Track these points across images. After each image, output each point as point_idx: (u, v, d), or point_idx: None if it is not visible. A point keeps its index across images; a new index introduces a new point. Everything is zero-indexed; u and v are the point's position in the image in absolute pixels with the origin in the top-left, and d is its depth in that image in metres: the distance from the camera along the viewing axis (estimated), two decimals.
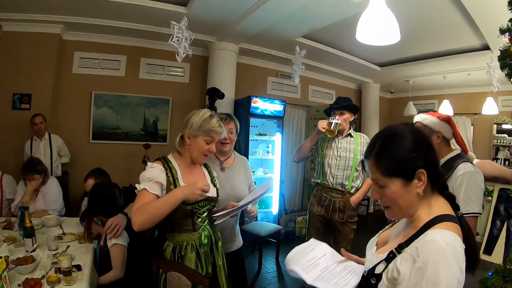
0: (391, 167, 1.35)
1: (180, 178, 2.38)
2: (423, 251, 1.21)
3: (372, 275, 1.38)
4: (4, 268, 2.02)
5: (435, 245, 1.20)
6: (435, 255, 1.18)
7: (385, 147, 1.38)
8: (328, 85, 9.58)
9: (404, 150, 1.34)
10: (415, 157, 1.33)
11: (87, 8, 5.29)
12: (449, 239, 1.22)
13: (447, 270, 1.16)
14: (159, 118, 6.99)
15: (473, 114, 9.12)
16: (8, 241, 3.03)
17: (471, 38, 5.98)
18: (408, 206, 1.37)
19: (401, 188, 1.34)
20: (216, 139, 2.46)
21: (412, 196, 1.35)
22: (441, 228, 1.27)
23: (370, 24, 2.87)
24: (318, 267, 1.69)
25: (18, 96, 5.77)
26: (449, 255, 1.18)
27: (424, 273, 1.17)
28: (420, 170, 1.32)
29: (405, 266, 1.24)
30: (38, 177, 4.22)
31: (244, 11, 5.22)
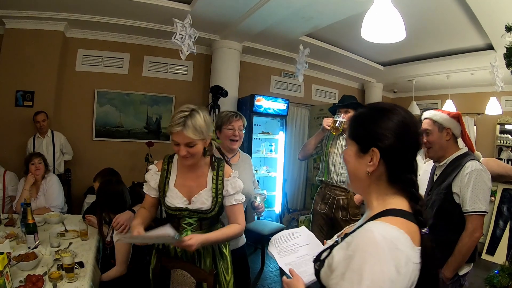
0: (353, 129, 1.36)
1: (173, 180, 2.37)
2: (355, 239, 1.17)
3: (317, 260, 1.35)
4: (6, 264, 2.01)
5: (368, 236, 1.13)
6: (365, 246, 1.12)
7: (365, 113, 1.37)
8: (331, 84, 9.56)
9: (376, 122, 1.29)
10: (380, 135, 1.25)
11: (90, 5, 5.29)
12: (388, 233, 1.12)
13: (376, 264, 1.08)
14: (162, 116, 6.99)
15: (476, 114, 9.08)
16: (10, 237, 3.02)
17: (475, 38, 5.96)
18: (354, 176, 1.36)
19: (354, 154, 1.33)
20: (179, 141, 2.17)
21: (360, 170, 1.31)
22: (384, 221, 1.18)
23: (376, 22, 2.85)
24: (295, 254, 1.70)
25: (21, 93, 5.77)
26: (382, 249, 1.09)
27: (351, 262, 1.12)
28: (374, 148, 1.25)
29: (339, 253, 1.21)
30: (40, 166, 4.24)
31: (248, 9, 5.21)
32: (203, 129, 2.19)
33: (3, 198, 4.46)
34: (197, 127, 2.15)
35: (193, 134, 2.13)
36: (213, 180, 2.35)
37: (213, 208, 2.32)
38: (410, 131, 1.28)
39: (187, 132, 2.12)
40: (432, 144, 2.66)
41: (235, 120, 3.10)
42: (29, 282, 2.16)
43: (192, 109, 2.22)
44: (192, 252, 2.20)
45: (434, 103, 10.03)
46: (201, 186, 2.34)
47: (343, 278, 1.13)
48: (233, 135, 3.07)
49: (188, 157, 2.21)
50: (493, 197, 6.48)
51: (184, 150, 2.17)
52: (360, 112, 1.39)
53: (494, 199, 6.48)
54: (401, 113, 1.29)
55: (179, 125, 2.12)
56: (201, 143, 2.23)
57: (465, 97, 9.31)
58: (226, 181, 2.35)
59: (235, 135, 3.08)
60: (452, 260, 2.44)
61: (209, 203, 2.31)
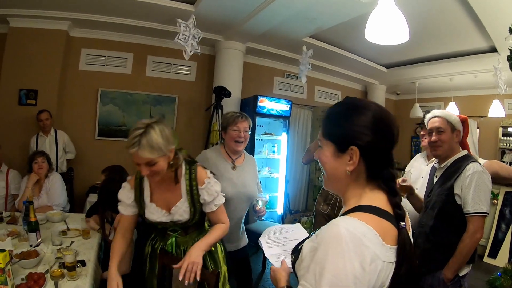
0: (329, 129, 1.32)
1: (148, 196, 2.31)
2: (321, 232, 1.16)
3: (293, 252, 1.36)
4: (8, 261, 2.02)
5: (333, 229, 1.11)
6: (329, 239, 1.10)
7: (338, 110, 1.33)
8: (334, 86, 9.56)
9: (350, 120, 1.25)
10: (356, 132, 1.23)
11: (94, 5, 5.30)
12: (355, 228, 1.10)
13: (338, 258, 1.06)
14: (165, 116, 6.98)
15: (479, 116, 9.04)
16: (12, 235, 3.03)
17: (479, 40, 5.95)
18: (334, 177, 1.32)
19: (332, 155, 1.29)
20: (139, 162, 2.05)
21: (339, 170, 1.28)
22: (353, 216, 1.15)
23: (379, 24, 2.86)
24: (283, 247, 1.71)
25: (25, 91, 5.78)
26: (346, 244, 1.06)
27: (315, 254, 1.12)
28: (353, 147, 1.22)
29: (307, 245, 1.20)
30: (43, 164, 4.26)
31: (252, 10, 5.21)
32: (161, 145, 2.02)
33: (5, 196, 4.47)
34: (153, 145, 1.99)
35: (149, 153, 1.99)
36: (187, 191, 2.28)
37: (193, 217, 2.32)
38: (386, 125, 1.25)
39: (143, 153, 1.98)
40: (443, 143, 2.67)
41: (240, 121, 3.07)
42: (31, 280, 2.16)
43: (147, 125, 2.04)
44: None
45: (437, 105, 10.01)
46: (177, 197, 2.29)
47: (308, 270, 1.13)
48: (238, 137, 3.05)
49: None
50: (495, 200, 6.47)
51: (145, 170, 2.07)
52: (331, 110, 1.35)
53: (497, 202, 6.46)
54: (374, 107, 1.27)
55: (134, 145, 1.98)
56: (163, 160, 2.09)
57: (468, 99, 9.29)
58: (201, 190, 2.27)
59: (240, 137, 3.06)
60: (453, 261, 2.46)
61: (187, 214, 2.29)
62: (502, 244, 6.08)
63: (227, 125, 3.09)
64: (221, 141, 3.29)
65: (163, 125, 2.10)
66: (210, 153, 3.19)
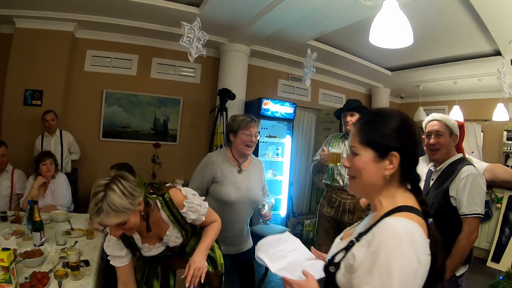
0: (369, 136, 1.37)
1: (138, 240, 2.24)
2: (377, 235, 1.21)
3: (331, 264, 1.37)
4: (12, 260, 2.03)
5: (390, 230, 1.19)
6: (389, 239, 1.17)
7: (373, 118, 1.40)
8: (338, 89, 9.55)
9: (387, 127, 1.35)
10: (394, 138, 1.33)
11: (100, 6, 5.33)
12: (407, 227, 1.19)
13: (401, 256, 1.13)
14: (170, 118, 7.01)
15: (483, 120, 9.02)
16: (17, 234, 3.05)
17: (483, 44, 5.94)
18: (371, 183, 1.37)
19: (371, 161, 1.35)
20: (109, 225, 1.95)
21: (377, 175, 1.35)
22: (400, 216, 1.24)
23: (384, 27, 2.87)
24: (285, 259, 1.69)
25: (30, 92, 5.81)
26: (404, 242, 1.15)
27: (377, 258, 1.15)
28: (394, 152, 1.32)
29: (360, 252, 1.24)
30: (51, 167, 4.28)
31: (257, 13, 5.22)
32: (126, 205, 1.85)
33: (10, 196, 4.49)
34: (117, 207, 1.81)
35: (115, 217, 1.84)
36: (171, 220, 2.23)
37: (187, 237, 2.33)
38: (415, 129, 1.37)
39: (109, 220, 1.84)
40: (441, 147, 2.73)
41: (252, 125, 3.10)
42: (34, 279, 2.18)
43: (105, 185, 1.86)
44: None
45: (441, 108, 9.97)
46: (165, 228, 2.24)
47: (371, 274, 1.16)
48: (250, 141, 3.07)
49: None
50: (499, 204, 6.47)
51: (117, 231, 1.96)
52: (368, 119, 1.42)
53: (500, 206, 6.45)
54: (400, 114, 1.38)
55: (97, 214, 1.82)
56: (133, 216, 1.94)
57: (472, 103, 9.25)
58: (184, 213, 2.22)
59: (252, 141, 3.08)
60: (450, 262, 2.49)
61: (180, 239, 2.28)
62: (505, 248, 6.07)
63: (238, 128, 3.08)
64: (228, 143, 3.30)
65: (123, 179, 1.93)
66: (216, 156, 3.17)
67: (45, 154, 4.32)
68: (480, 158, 8.81)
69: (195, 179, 3.10)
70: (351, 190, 1.49)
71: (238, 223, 3.15)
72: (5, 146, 4.50)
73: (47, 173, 4.25)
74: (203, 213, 2.28)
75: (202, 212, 2.28)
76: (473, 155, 8.74)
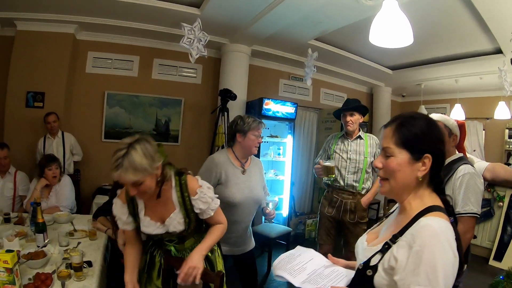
0: (406, 138, 1.41)
1: (142, 210, 2.28)
2: (418, 236, 1.26)
3: (368, 267, 1.40)
4: (16, 262, 2.05)
5: (430, 230, 1.26)
6: (430, 239, 1.23)
7: (408, 121, 1.44)
8: (339, 88, 9.55)
9: (422, 130, 1.40)
10: (429, 141, 1.40)
11: (100, 8, 5.34)
12: (442, 226, 1.28)
13: (442, 253, 1.22)
14: (171, 119, 7.03)
15: (485, 118, 9.03)
16: (20, 236, 3.07)
17: (484, 42, 5.94)
18: (404, 184, 1.43)
19: (406, 163, 1.41)
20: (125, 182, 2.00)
21: (411, 176, 1.41)
22: (433, 216, 1.32)
23: (383, 27, 2.88)
24: (305, 271, 1.69)
25: (32, 94, 5.84)
26: (443, 240, 1.24)
27: (422, 257, 1.21)
28: (427, 154, 1.38)
29: (401, 253, 1.28)
30: (57, 171, 4.30)
31: (257, 14, 5.23)
32: (145, 165, 1.96)
33: (13, 198, 4.52)
34: (136, 166, 1.92)
35: (133, 175, 1.93)
36: (179, 202, 2.25)
37: (189, 227, 2.29)
38: (442, 133, 1.45)
39: (126, 175, 1.92)
40: None
41: (261, 127, 3.19)
42: (38, 280, 2.19)
43: (128, 145, 1.97)
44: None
45: (443, 107, 10.00)
46: (170, 209, 2.26)
47: (417, 273, 1.22)
48: (258, 142, 3.15)
49: (137, 195, 2.07)
50: (501, 203, 6.45)
51: (133, 190, 2.02)
52: (403, 121, 1.45)
53: (502, 205, 6.44)
54: (430, 119, 1.44)
55: (116, 168, 1.92)
56: (149, 178, 2.04)
57: (473, 101, 9.25)
58: (194, 200, 2.24)
59: (259, 142, 3.17)
60: None
61: (182, 226, 2.27)
62: (507, 247, 6.06)
63: (248, 129, 3.11)
64: (229, 144, 3.32)
65: (147, 142, 2.04)
66: (218, 158, 3.17)
67: (50, 159, 4.31)
68: (482, 157, 8.82)
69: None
70: (383, 192, 1.51)
71: (242, 223, 3.17)
72: (8, 148, 4.52)
73: (53, 178, 4.27)
74: (213, 208, 2.29)
75: (212, 207, 2.29)
76: (475, 153, 8.75)
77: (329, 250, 4.01)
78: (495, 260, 6.11)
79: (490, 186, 6.40)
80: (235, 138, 3.19)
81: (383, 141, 1.47)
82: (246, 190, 3.13)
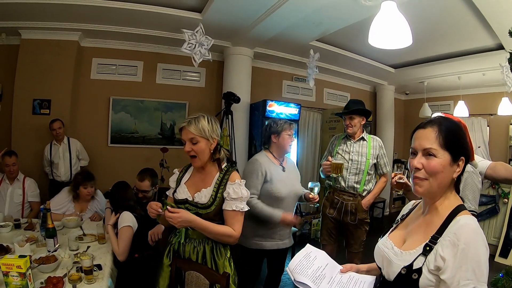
0: (449, 140, 1.47)
1: (185, 179, 2.59)
2: (462, 234, 1.33)
3: (412, 271, 1.41)
4: (29, 266, 2.11)
5: (471, 228, 1.35)
6: (473, 236, 1.33)
7: (450, 125, 1.51)
8: (343, 88, 9.58)
9: (460, 134, 1.51)
10: (465, 145, 1.50)
11: (104, 16, 5.38)
12: (476, 223, 1.38)
13: (483, 248, 1.32)
14: (176, 122, 7.08)
15: (489, 114, 8.98)
16: (30, 241, 3.12)
17: (485, 38, 5.95)
18: (443, 184, 1.48)
19: (447, 163, 1.46)
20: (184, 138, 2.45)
21: (448, 177, 1.48)
22: (466, 214, 1.42)
23: (382, 28, 2.91)
24: (325, 279, 1.70)
25: (38, 101, 5.91)
26: (481, 235, 1.34)
27: (468, 253, 1.29)
28: (463, 157, 1.48)
29: (447, 252, 1.33)
30: (91, 190, 4.38)
31: (259, 16, 5.26)
32: (205, 128, 2.39)
33: (22, 203, 4.58)
34: (199, 125, 2.38)
35: (194, 130, 2.37)
36: (217, 181, 2.43)
37: (210, 205, 2.37)
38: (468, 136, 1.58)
39: (189, 128, 2.37)
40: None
41: (292, 127, 3.48)
42: (50, 283, 2.25)
43: (204, 115, 2.46)
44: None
45: (446, 104, 9.98)
46: (206, 185, 2.46)
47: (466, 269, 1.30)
48: (291, 141, 3.43)
49: (193, 155, 2.40)
50: (506, 199, 6.46)
51: (188, 146, 2.40)
52: (449, 126, 1.51)
53: (508, 201, 6.45)
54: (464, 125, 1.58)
55: (184, 122, 2.42)
56: (204, 142, 2.41)
57: (477, 97, 9.22)
58: (229, 185, 2.39)
59: (292, 140, 3.45)
60: None
61: (206, 199, 2.38)
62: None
63: (282, 130, 3.40)
64: (265, 146, 3.55)
65: (215, 120, 2.52)
66: (260, 158, 3.39)
67: (87, 178, 4.35)
68: (487, 153, 8.78)
69: (251, 184, 3.20)
70: (420, 192, 1.52)
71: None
72: (16, 155, 4.58)
73: (86, 196, 4.35)
74: (238, 205, 2.37)
75: (238, 204, 2.37)
76: (480, 150, 8.73)
77: (332, 250, 4.05)
78: (501, 257, 6.11)
79: (495, 183, 6.41)
80: (270, 139, 3.46)
81: (423, 141, 1.50)
82: (289, 185, 3.40)
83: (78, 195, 4.31)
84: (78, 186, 4.28)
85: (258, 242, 3.33)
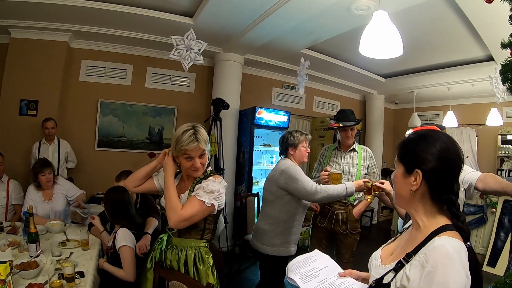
0: (404, 152, 1.49)
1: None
2: (431, 256, 1.26)
3: (380, 285, 1.41)
4: (9, 273, 2.06)
5: (443, 250, 1.25)
6: (443, 260, 1.22)
7: (412, 138, 1.51)
8: (332, 96, 9.62)
9: (418, 147, 1.43)
10: (421, 158, 1.40)
11: (94, 17, 5.34)
12: (456, 246, 1.27)
13: (455, 274, 1.20)
14: (164, 127, 7.05)
15: (477, 125, 9.09)
16: (12, 245, 3.07)
17: (475, 50, 6.00)
18: (400, 193, 1.50)
19: (401, 175, 1.48)
20: (194, 155, 2.34)
21: (405, 189, 1.46)
22: (448, 236, 1.32)
23: (373, 38, 2.91)
24: (316, 278, 1.72)
25: (26, 102, 5.83)
26: (456, 260, 1.22)
27: (434, 277, 1.21)
28: (417, 170, 1.40)
29: (414, 273, 1.28)
30: (50, 176, 4.33)
31: (250, 23, 5.26)
32: (207, 140, 2.41)
33: (6, 206, 4.50)
34: (205, 138, 2.37)
35: (205, 145, 2.36)
36: (193, 184, 2.44)
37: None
38: (452, 158, 1.41)
39: (201, 144, 2.33)
40: None
41: (308, 139, 3.65)
42: None
43: (193, 125, 2.40)
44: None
45: (436, 114, 10.07)
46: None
47: None
48: (307, 152, 3.61)
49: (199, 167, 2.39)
50: (494, 209, 6.50)
51: (198, 162, 2.37)
52: (408, 138, 1.53)
53: (495, 211, 6.49)
54: (444, 140, 1.43)
55: (193, 141, 2.31)
56: (206, 154, 2.43)
57: (466, 108, 9.34)
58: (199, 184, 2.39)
59: (308, 152, 3.63)
60: None
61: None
62: (501, 252, 6.12)
63: (299, 142, 3.56)
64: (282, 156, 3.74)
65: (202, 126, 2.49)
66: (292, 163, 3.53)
67: (44, 165, 4.31)
68: (475, 163, 8.87)
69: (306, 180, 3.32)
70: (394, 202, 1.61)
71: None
72: (2, 156, 4.52)
73: (46, 183, 4.29)
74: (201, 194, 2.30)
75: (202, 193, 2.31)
76: (468, 160, 8.80)
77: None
78: (489, 266, 6.14)
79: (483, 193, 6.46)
80: (287, 151, 3.61)
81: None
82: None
83: (40, 184, 4.29)
84: (37, 175, 4.26)
85: (286, 249, 3.47)
